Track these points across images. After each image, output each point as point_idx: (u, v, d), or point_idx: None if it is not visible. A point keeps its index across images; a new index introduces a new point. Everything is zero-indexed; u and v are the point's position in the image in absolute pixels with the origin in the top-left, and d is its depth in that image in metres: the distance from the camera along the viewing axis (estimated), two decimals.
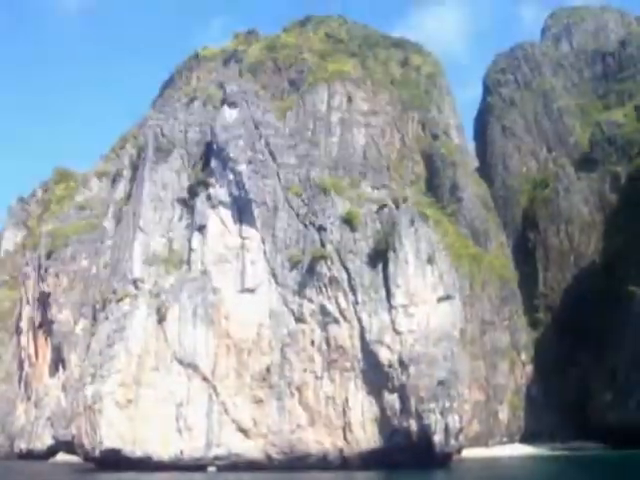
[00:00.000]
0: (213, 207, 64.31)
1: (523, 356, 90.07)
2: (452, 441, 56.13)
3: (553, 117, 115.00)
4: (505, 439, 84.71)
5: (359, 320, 58.96)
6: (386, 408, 57.14)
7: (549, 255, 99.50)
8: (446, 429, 55.54)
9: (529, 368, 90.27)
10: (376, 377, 58.08)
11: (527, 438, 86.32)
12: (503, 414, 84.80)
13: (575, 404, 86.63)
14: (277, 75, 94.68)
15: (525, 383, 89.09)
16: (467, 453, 75.82)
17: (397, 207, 62.33)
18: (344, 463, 57.85)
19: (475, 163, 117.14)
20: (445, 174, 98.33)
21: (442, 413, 55.53)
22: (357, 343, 58.90)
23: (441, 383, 56.26)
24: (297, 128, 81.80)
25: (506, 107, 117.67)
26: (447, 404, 55.85)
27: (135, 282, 64.81)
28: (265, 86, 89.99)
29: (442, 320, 59.40)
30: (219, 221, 64.00)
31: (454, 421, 56.01)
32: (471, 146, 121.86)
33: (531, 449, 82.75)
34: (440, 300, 60.25)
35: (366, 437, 57.63)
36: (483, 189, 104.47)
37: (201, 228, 64.19)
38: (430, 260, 60.62)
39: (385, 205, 63.01)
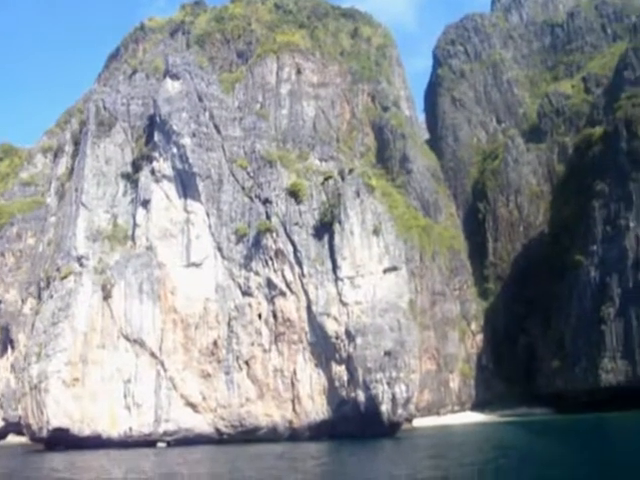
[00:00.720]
0: (157, 181, 63.38)
1: (473, 326, 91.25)
2: (399, 410, 56.55)
3: (503, 88, 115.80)
4: (456, 407, 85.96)
5: (305, 292, 58.90)
6: (334, 379, 57.44)
7: (498, 226, 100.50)
8: (393, 399, 55.93)
9: (479, 337, 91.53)
10: (323, 349, 58.27)
11: (478, 406, 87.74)
12: (454, 383, 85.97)
13: (524, 371, 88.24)
14: (225, 47, 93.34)
15: (475, 352, 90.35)
16: (419, 422, 76.88)
17: (343, 179, 62.07)
18: (293, 435, 58.16)
19: (425, 135, 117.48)
20: (395, 146, 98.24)
21: (389, 383, 55.90)
22: (304, 315, 58.88)
23: (388, 353, 56.54)
24: (246, 100, 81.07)
25: (456, 79, 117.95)
26: (394, 374, 56.21)
27: (79, 259, 63.71)
28: (213, 58, 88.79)
29: (388, 291, 59.58)
30: (163, 195, 63.16)
31: (401, 391, 56.37)
32: (422, 118, 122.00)
33: (482, 416, 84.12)
34: (386, 271, 60.35)
35: (315, 408, 57.89)
36: (433, 161, 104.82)
37: (145, 203, 63.27)
38: (376, 231, 60.63)
39: (330, 177, 62.69)
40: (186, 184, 63.08)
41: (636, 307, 75.65)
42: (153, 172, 63.44)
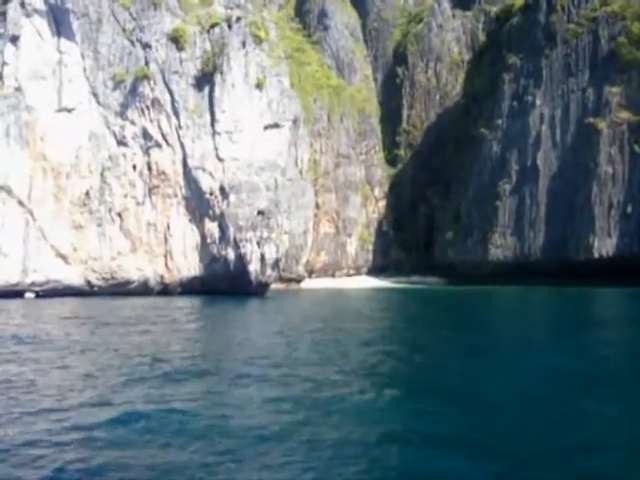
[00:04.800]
0: (28, 16, 57.84)
1: (377, 191, 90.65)
2: (268, 271, 55.93)
3: None
4: (352, 271, 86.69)
5: (182, 145, 56.18)
6: (207, 236, 56.12)
7: (415, 92, 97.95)
8: (262, 259, 55.14)
9: (382, 204, 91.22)
10: (198, 204, 56.47)
11: (374, 271, 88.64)
12: (351, 247, 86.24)
13: (423, 241, 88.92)
14: None
15: (377, 218, 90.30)
16: (310, 284, 77.19)
17: (230, 27, 57.92)
18: (165, 290, 57.30)
19: None
20: (314, 0, 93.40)
21: (259, 243, 54.89)
22: (179, 169, 56.48)
23: (261, 213, 55.17)
24: None
25: None
26: (265, 234, 55.10)
27: None
28: None
29: (267, 149, 57.24)
30: (35, 32, 57.81)
31: (271, 251, 55.50)
32: None
33: (376, 281, 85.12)
34: (267, 128, 57.80)
35: (187, 264, 56.83)
36: (354, 19, 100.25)
37: (15, 39, 57.77)
38: (259, 86, 57.43)
39: (217, 24, 58.38)
40: (60, 21, 57.80)
41: (531, 185, 75.65)
42: (23, 5, 57.63)
